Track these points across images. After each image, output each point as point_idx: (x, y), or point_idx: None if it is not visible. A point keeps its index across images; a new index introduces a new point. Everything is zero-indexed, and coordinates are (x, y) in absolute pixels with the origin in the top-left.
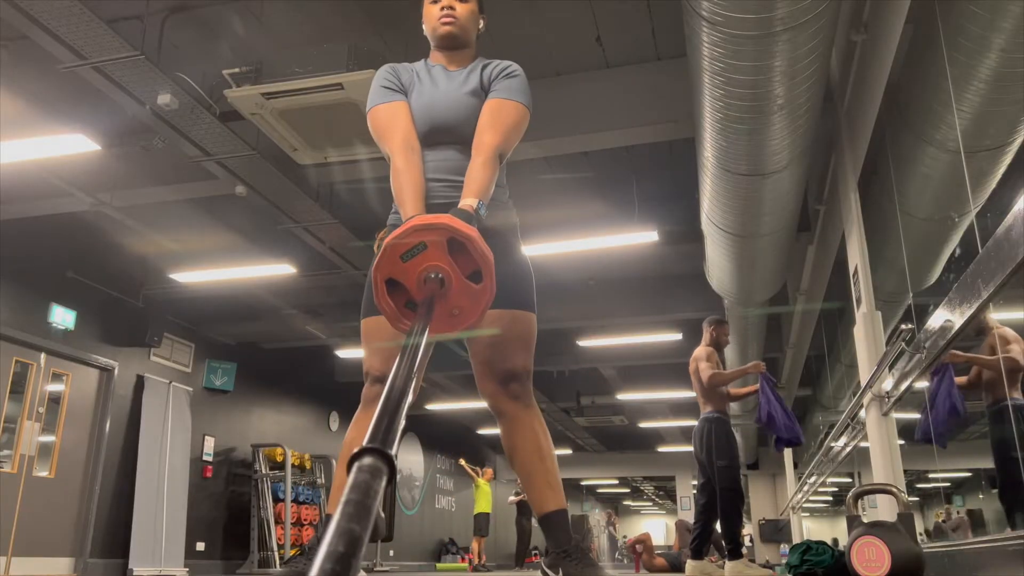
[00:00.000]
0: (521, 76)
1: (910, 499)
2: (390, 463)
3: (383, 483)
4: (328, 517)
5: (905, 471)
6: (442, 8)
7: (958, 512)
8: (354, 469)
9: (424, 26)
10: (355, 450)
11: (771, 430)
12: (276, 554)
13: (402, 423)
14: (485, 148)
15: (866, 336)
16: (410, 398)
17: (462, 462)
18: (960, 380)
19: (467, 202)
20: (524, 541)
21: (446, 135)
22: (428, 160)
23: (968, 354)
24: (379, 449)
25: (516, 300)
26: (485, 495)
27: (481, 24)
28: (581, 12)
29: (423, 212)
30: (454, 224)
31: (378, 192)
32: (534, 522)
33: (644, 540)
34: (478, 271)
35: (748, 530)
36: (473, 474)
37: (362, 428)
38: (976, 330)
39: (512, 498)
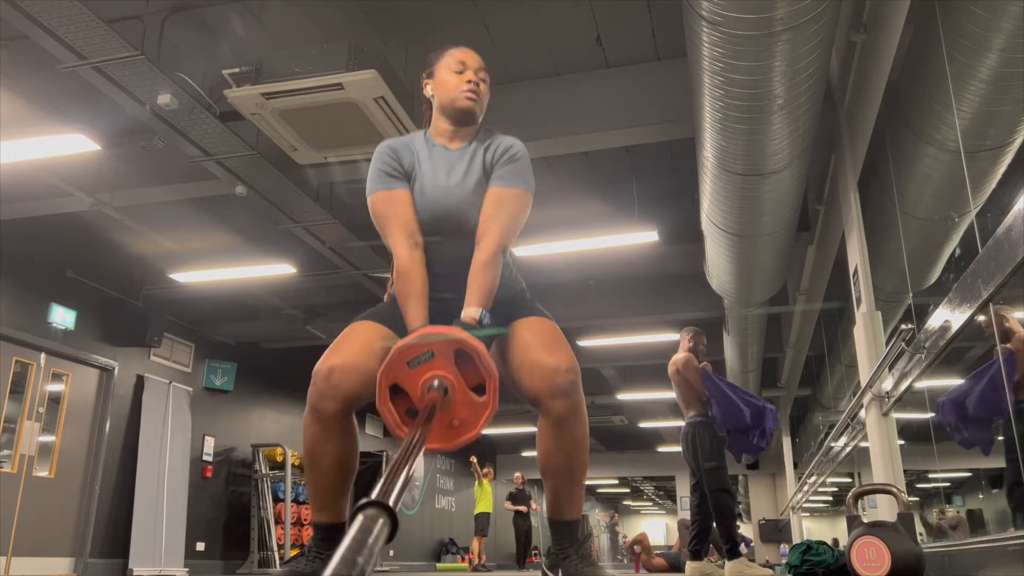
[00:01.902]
0: (523, 158)
1: (910, 499)
2: (393, 515)
3: (385, 533)
4: (317, 526)
5: (905, 471)
6: (468, 81)
7: (957, 512)
8: (359, 517)
9: (437, 92)
10: (360, 501)
11: (737, 441)
12: (276, 554)
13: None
14: (488, 246)
15: (866, 336)
16: (399, 487)
17: (473, 459)
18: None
19: (471, 313)
20: (522, 541)
21: (449, 225)
22: (431, 251)
23: None
24: (382, 503)
25: (530, 313)
26: (486, 495)
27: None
28: (581, 12)
29: (427, 318)
30: (462, 336)
31: None
32: (533, 522)
33: (641, 540)
34: (482, 384)
35: (747, 532)
36: (478, 475)
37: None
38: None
39: (508, 504)
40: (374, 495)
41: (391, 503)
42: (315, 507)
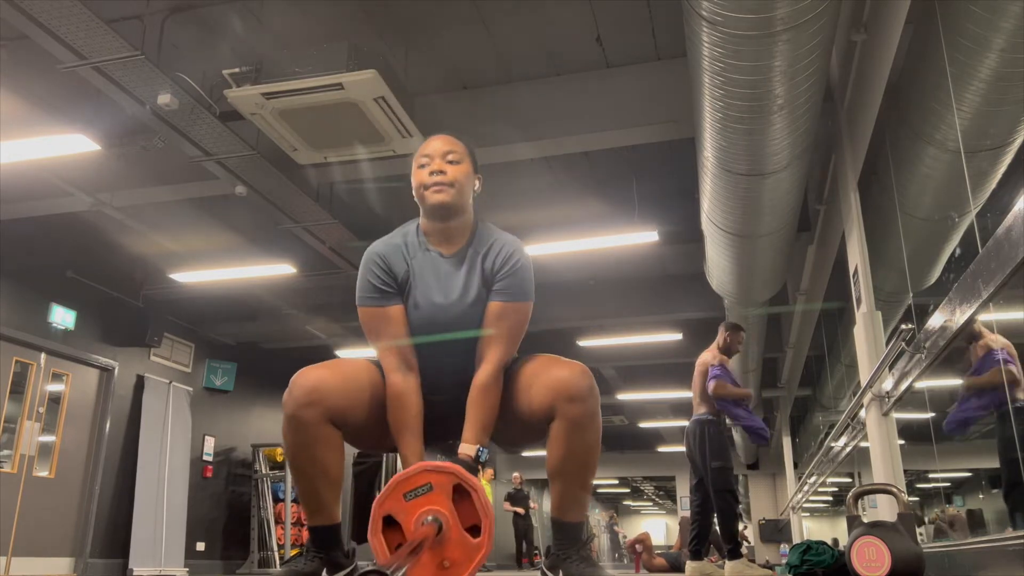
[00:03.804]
0: (524, 268)
1: (910, 499)
2: None
3: None
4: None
5: (905, 471)
6: (431, 173)
7: (957, 511)
8: None
9: (414, 191)
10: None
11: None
12: (276, 554)
13: None
14: (490, 367)
15: (866, 336)
16: None
17: None
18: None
19: (467, 451)
20: (521, 541)
21: (446, 345)
22: (425, 359)
23: None
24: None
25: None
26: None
27: (477, 185)
28: (581, 12)
29: (422, 451)
30: (461, 472)
31: (378, 192)
32: (534, 521)
33: (643, 540)
34: (478, 525)
35: (747, 531)
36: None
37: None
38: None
39: (507, 505)
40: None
41: None
42: (307, 511)
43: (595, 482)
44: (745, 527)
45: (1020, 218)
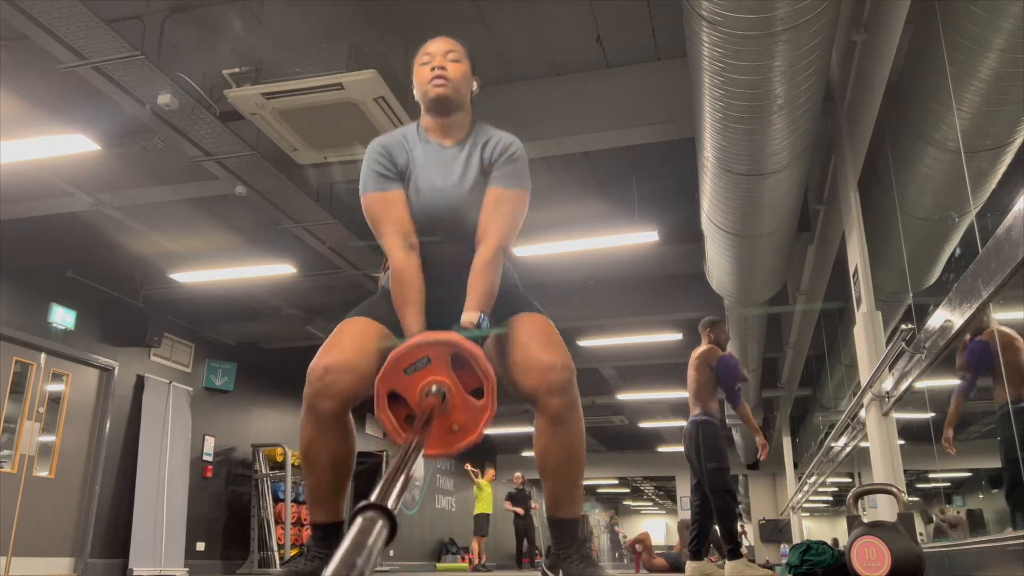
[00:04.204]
0: (521, 157)
1: (910, 499)
2: (391, 518)
3: (384, 535)
4: (315, 527)
5: (905, 471)
6: (432, 69)
7: (957, 512)
8: (358, 519)
9: (415, 91)
10: (360, 504)
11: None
12: (276, 554)
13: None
14: (488, 247)
15: (866, 336)
16: (397, 496)
17: (468, 467)
18: None
19: (469, 316)
20: (522, 541)
21: (446, 225)
22: (427, 251)
23: None
24: (382, 506)
25: (522, 309)
26: (486, 496)
27: (475, 86)
28: (581, 12)
29: (423, 322)
30: (459, 341)
31: None
32: (535, 521)
33: (643, 540)
34: (480, 388)
35: (747, 530)
36: (474, 478)
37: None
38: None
39: (508, 504)
40: (373, 498)
41: (390, 506)
42: (312, 505)
43: (595, 482)
44: (743, 531)
45: (1020, 218)
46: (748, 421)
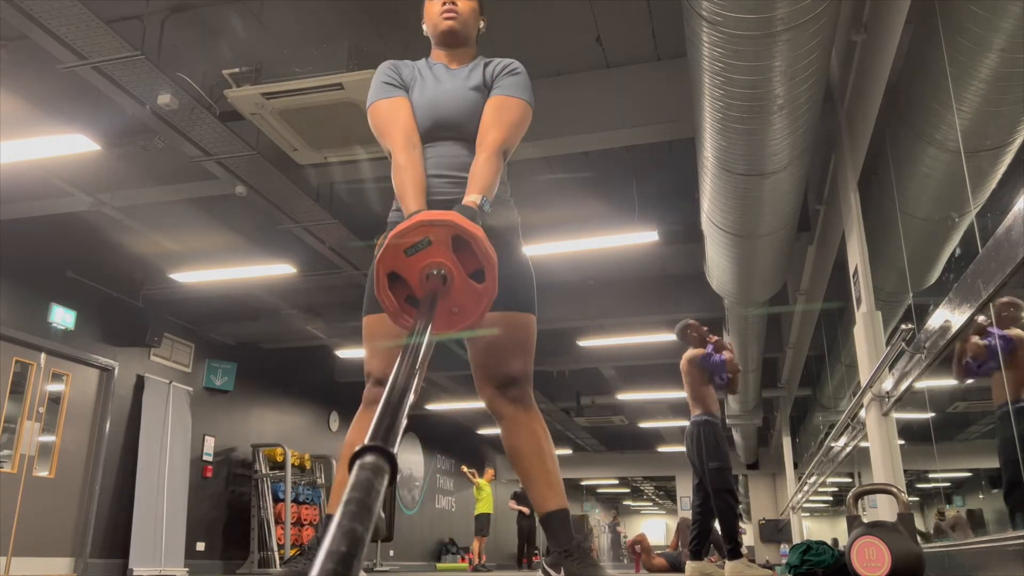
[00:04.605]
0: (523, 73)
1: (910, 499)
2: (392, 461)
3: (385, 481)
4: (328, 517)
5: (905, 471)
6: (443, 4)
7: (957, 512)
8: (356, 467)
9: (425, 25)
10: (357, 448)
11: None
12: (276, 554)
13: (404, 422)
14: (489, 145)
15: (866, 336)
16: (412, 398)
17: (464, 469)
18: None
19: (471, 198)
20: (524, 541)
21: (449, 131)
22: (430, 156)
23: None
24: (381, 447)
25: (516, 302)
26: (486, 496)
27: (481, 24)
28: (581, 12)
29: (425, 208)
30: (459, 221)
31: (378, 192)
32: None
33: (641, 541)
34: (481, 270)
35: (744, 530)
36: (471, 479)
37: (362, 430)
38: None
39: (512, 503)
40: (369, 437)
41: (393, 449)
42: (336, 500)
43: (595, 482)
44: (743, 532)
45: (1020, 218)
46: (732, 367)
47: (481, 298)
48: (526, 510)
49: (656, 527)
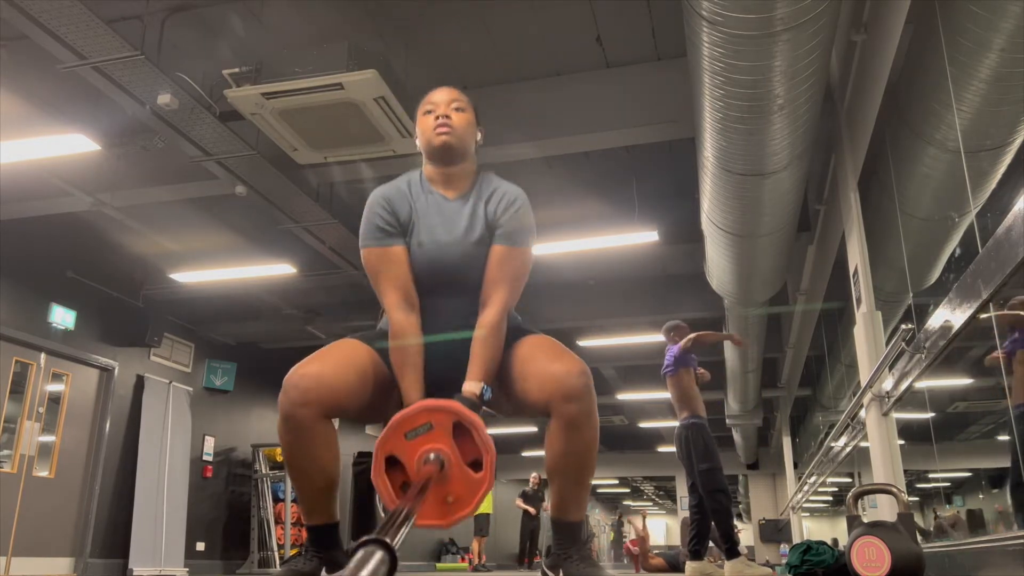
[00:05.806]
0: (525, 212)
1: (910, 499)
2: (393, 556)
3: (385, 567)
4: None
5: (905, 471)
6: (437, 118)
7: (956, 512)
8: (360, 552)
9: (418, 140)
10: (363, 538)
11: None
12: (276, 554)
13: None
14: (494, 311)
15: (866, 336)
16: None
17: None
18: None
19: (471, 387)
20: (526, 541)
21: (449, 283)
22: (429, 310)
23: None
24: (387, 543)
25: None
26: (487, 496)
27: (479, 136)
28: (581, 12)
29: (423, 387)
30: (461, 409)
31: None
32: (542, 522)
33: (641, 540)
34: (479, 460)
35: (747, 532)
36: None
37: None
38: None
39: (519, 502)
40: (376, 532)
41: (395, 545)
42: (305, 511)
43: (595, 482)
44: (739, 531)
45: (1020, 218)
46: (712, 336)
47: (478, 487)
48: (532, 510)
49: (656, 527)
